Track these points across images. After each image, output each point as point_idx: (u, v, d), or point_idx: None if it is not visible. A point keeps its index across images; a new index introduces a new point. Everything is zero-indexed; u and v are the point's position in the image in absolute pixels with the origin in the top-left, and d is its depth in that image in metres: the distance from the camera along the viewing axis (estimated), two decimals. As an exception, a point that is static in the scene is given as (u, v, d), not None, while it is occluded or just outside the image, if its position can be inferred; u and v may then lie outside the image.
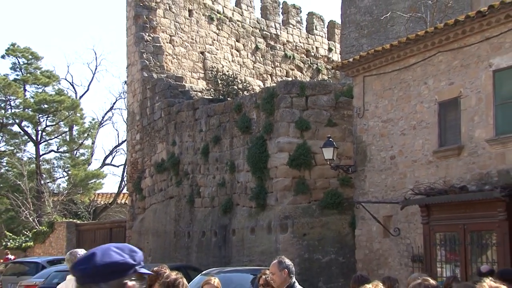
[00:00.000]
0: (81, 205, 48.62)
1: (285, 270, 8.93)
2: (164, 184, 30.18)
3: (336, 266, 21.94)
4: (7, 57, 57.79)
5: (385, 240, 18.83)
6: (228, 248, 24.80)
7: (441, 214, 16.02)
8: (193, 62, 34.72)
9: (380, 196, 18.83)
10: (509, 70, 15.33)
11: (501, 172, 15.25)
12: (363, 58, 19.69)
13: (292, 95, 23.11)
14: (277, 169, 23.04)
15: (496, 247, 14.48)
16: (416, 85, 17.94)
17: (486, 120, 15.83)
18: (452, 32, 16.64)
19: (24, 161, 56.09)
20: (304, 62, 40.12)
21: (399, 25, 26.10)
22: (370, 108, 19.58)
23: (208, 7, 35.87)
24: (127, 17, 34.16)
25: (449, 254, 15.88)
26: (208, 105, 27.60)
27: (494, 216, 14.37)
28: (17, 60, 57.96)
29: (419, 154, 17.76)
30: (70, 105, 56.55)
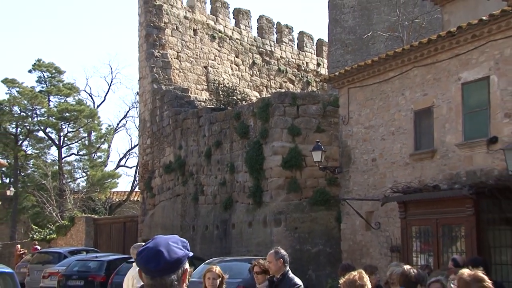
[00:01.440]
0: (98, 202, 48.54)
1: (281, 260, 8.89)
2: (172, 183, 30.18)
3: (324, 256, 21.96)
4: (33, 71, 57.94)
5: (367, 233, 18.83)
6: (228, 240, 24.81)
7: (417, 210, 15.98)
8: (197, 75, 34.72)
9: (363, 194, 18.83)
10: (476, 83, 15.35)
11: (469, 172, 15.28)
12: (347, 72, 19.72)
13: (285, 105, 23.16)
14: (271, 170, 23.07)
15: (465, 238, 14.47)
16: (394, 96, 17.95)
17: (455, 127, 15.85)
18: (425, 50, 16.69)
19: (48, 163, 56.24)
20: (296, 75, 40.09)
21: (379, 43, 26.14)
22: (354, 116, 19.56)
23: (210, 27, 35.90)
24: (139, 36, 34.17)
25: (423, 245, 15.84)
26: (211, 114, 27.63)
27: (463, 211, 14.36)
28: (42, 74, 58.06)
29: (397, 156, 17.78)
30: (88, 113, 56.68)
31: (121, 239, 36.93)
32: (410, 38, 23.32)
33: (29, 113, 56.93)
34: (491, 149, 14.73)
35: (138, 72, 35.06)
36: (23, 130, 57.66)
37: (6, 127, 56.80)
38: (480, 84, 15.27)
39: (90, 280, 22.68)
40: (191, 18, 34.89)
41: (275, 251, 9.09)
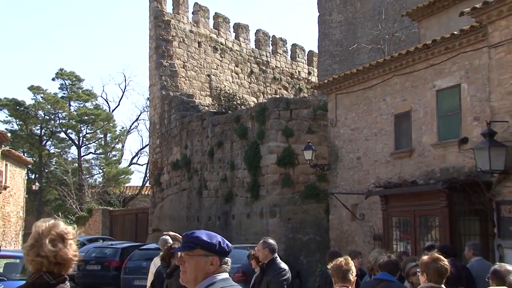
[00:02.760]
0: (113, 196, 48.62)
1: (267, 249, 8.91)
2: (179, 179, 30.21)
3: (314, 243, 21.97)
4: (56, 79, 58.54)
5: (353, 223, 18.81)
6: (229, 230, 24.83)
7: (396, 203, 16.00)
8: (201, 83, 34.74)
9: (349, 188, 18.80)
10: (449, 90, 15.34)
11: (443, 169, 15.31)
12: (335, 80, 19.69)
13: (279, 109, 23.18)
14: (267, 167, 23.08)
15: (438, 228, 14.49)
16: (376, 101, 17.94)
17: (431, 129, 15.86)
18: (404, 60, 16.69)
19: (69, 161, 56.58)
20: (289, 83, 40.11)
21: (363, 54, 26.15)
22: (341, 119, 19.55)
23: (213, 40, 35.93)
24: (150, 47, 34.20)
25: (402, 234, 15.82)
26: (213, 117, 27.65)
27: (437, 204, 14.36)
28: (64, 81, 58.41)
29: (380, 155, 17.77)
30: (104, 117, 56.92)
31: (134, 228, 37.00)
32: (391, 50, 23.34)
33: (52, 117, 57.36)
34: (462, 149, 14.74)
35: (149, 80, 35.10)
36: (47, 132, 57.98)
37: (32, 129, 57.18)
38: (452, 91, 15.27)
39: (106, 265, 22.81)
40: (196, 31, 34.91)
41: (263, 241, 9.15)
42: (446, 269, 6.11)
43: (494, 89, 12.76)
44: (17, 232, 41.97)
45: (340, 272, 6.44)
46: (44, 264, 3.35)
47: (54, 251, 3.35)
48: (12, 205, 40.29)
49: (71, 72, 58.82)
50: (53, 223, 3.52)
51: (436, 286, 6.06)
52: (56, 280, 3.37)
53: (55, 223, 3.52)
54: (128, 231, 37.14)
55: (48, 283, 3.33)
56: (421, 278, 6.30)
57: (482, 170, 12.33)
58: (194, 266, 3.69)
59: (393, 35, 24.85)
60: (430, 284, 6.09)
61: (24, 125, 56.76)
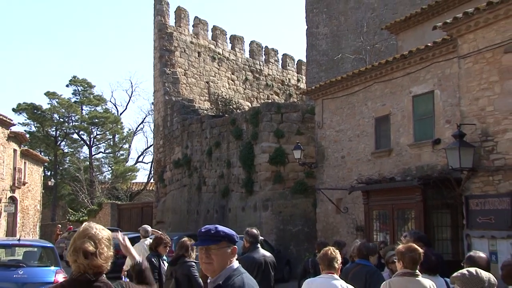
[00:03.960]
0: (121, 191, 48.49)
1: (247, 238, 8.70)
2: (180, 176, 30.20)
3: (303, 234, 22.02)
4: (70, 86, 58.82)
5: (337, 216, 18.85)
6: (226, 222, 24.80)
7: (377, 197, 16.01)
8: (200, 89, 34.73)
9: (334, 184, 18.82)
10: (423, 96, 15.38)
11: (418, 167, 15.36)
12: (321, 87, 19.73)
13: (271, 113, 23.21)
14: (260, 165, 23.11)
15: (414, 220, 14.49)
16: (359, 106, 17.98)
17: (407, 131, 15.91)
18: (384, 69, 16.72)
19: (81, 159, 56.64)
20: (280, 89, 40.13)
21: (347, 63, 26.16)
22: (327, 122, 19.57)
23: (211, 50, 35.93)
24: (154, 57, 34.17)
25: (382, 225, 15.82)
26: (211, 120, 27.65)
27: (413, 198, 14.38)
28: (77, 88, 58.53)
29: (362, 154, 17.80)
30: (113, 120, 56.97)
31: (139, 220, 36.87)
32: (371, 59, 23.37)
33: (66, 119, 57.46)
34: (435, 149, 14.81)
35: (153, 86, 35.09)
36: (61, 133, 58.07)
37: (48, 130, 57.29)
38: (426, 97, 15.32)
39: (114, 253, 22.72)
40: (196, 43, 34.90)
41: (245, 230, 8.92)
42: (419, 256, 6.17)
43: (463, 95, 12.81)
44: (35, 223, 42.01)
45: (326, 260, 6.49)
46: (81, 268, 3.48)
47: (87, 263, 3.48)
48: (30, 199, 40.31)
49: (83, 79, 58.97)
50: (88, 232, 3.59)
51: (411, 271, 6.11)
52: (96, 277, 3.50)
53: (89, 234, 3.59)
54: (134, 223, 37.05)
55: (89, 280, 3.47)
56: (398, 265, 6.35)
57: (453, 168, 12.36)
58: (222, 257, 3.81)
59: (373, 46, 24.88)
60: (406, 270, 6.15)
61: (41, 127, 56.84)
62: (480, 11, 12.14)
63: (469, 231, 12.42)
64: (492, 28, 12.12)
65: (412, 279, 6.12)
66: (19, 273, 13.23)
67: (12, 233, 34.82)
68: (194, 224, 27.51)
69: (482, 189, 12.20)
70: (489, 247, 11.75)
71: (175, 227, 29.04)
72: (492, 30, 12.14)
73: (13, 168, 34.74)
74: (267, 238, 21.01)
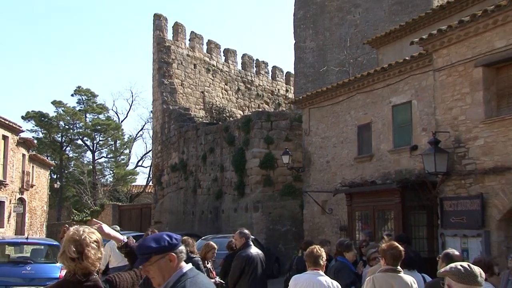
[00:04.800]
0: (122, 193, 48.39)
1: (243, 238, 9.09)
2: (176, 179, 30.14)
3: (291, 234, 22.03)
4: (74, 95, 58.94)
5: (323, 216, 18.84)
6: (219, 222, 24.82)
7: (359, 199, 16.04)
8: (196, 98, 34.70)
9: (320, 187, 18.82)
10: (402, 106, 15.44)
11: (397, 171, 15.42)
12: (308, 97, 19.75)
13: (262, 121, 23.23)
14: (251, 169, 23.12)
15: (393, 220, 14.55)
16: (343, 115, 18.00)
17: (387, 138, 15.96)
18: (366, 80, 16.78)
19: (85, 164, 56.56)
20: (270, 98, 40.15)
21: (331, 75, 26.22)
22: (313, 129, 19.56)
23: (206, 62, 35.93)
24: (153, 68, 34.14)
25: (363, 225, 15.82)
26: (206, 127, 27.64)
27: (392, 200, 14.42)
28: (81, 97, 58.55)
29: (345, 159, 17.81)
30: (115, 127, 56.92)
31: (139, 221, 36.86)
32: (354, 72, 23.46)
33: (71, 126, 57.50)
34: (412, 154, 14.87)
35: (152, 96, 35.05)
36: (67, 139, 58.04)
37: (54, 136, 57.30)
38: (405, 106, 15.39)
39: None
40: (192, 55, 34.91)
41: (238, 231, 9.25)
42: (400, 254, 6.23)
43: (438, 105, 12.91)
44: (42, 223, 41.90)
45: (312, 257, 6.55)
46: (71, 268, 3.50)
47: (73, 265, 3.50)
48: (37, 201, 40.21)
49: (87, 89, 58.91)
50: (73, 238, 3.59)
51: (393, 268, 6.17)
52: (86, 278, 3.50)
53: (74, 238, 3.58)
54: (134, 223, 37.00)
55: (80, 281, 3.48)
56: (381, 261, 6.42)
57: (429, 172, 12.43)
58: (158, 270, 3.54)
59: (356, 59, 24.97)
60: (388, 266, 6.21)
61: (48, 134, 56.77)
62: (452, 29, 12.27)
63: (443, 230, 12.50)
64: (464, 44, 12.24)
65: (395, 275, 6.17)
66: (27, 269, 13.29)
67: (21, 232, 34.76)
68: (190, 224, 27.50)
69: (455, 192, 12.30)
70: (461, 245, 11.85)
71: (172, 227, 28.97)
72: (463, 46, 12.26)
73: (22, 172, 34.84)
74: (258, 237, 21.01)
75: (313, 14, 27.99)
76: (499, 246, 11.32)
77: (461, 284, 3.66)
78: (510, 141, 11.14)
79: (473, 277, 3.63)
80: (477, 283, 3.66)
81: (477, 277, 3.64)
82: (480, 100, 11.81)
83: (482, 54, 11.79)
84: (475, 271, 3.67)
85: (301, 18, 28.52)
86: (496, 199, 11.39)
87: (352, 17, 26.41)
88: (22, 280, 12.97)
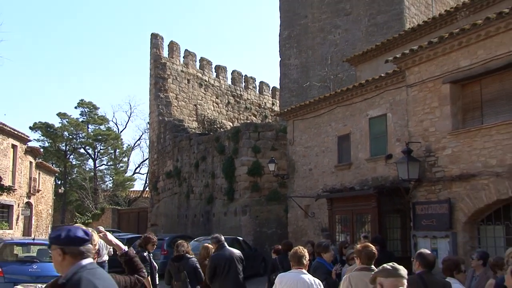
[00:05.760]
0: (121, 198, 48.19)
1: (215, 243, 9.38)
2: (171, 185, 30.08)
3: (276, 235, 22.00)
4: (78, 107, 58.93)
5: (306, 220, 18.85)
6: (210, 225, 24.80)
7: (339, 204, 16.05)
8: (189, 110, 34.71)
9: (303, 193, 18.80)
10: (378, 118, 15.54)
11: (374, 178, 15.49)
12: (292, 109, 19.79)
13: (250, 131, 23.31)
14: (240, 176, 23.17)
15: (370, 223, 14.59)
16: (324, 126, 18.04)
17: (365, 147, 16.04)
18: (345, 95, 16.85)
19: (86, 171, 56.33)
20: (257, 111, 40.21)
21: (314, 90, 26.31)
22: (297, 139, 19.59)
23: (199, 78, 35.97)
24: (150, 83, 34.14)
25: (343, 227, 15.84)
26: (198, 137, 27.65)
27: (369, 204, 14.44)
28: (83, 109, 58.48)
29: (326, 167, 17.84)
30: (114, 136, 56.83)
31: (136, 223, 36.72)
32: (335, 87, 23.55)
33: (74, 136, 57.41)
34: (388, 163, 14.96)
35: (149, 108, 35.02)
36: (70, 148, 57.93)
37: (59, 145, 57.15)
38: (380, 119, 15.49)
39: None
40: (186, 71, 34.96)
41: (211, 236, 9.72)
42: (374, 254, 6.29)
43: (410, 118, 13.02)
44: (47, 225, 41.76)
45: (296, 257, 6.58)
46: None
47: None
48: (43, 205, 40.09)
49: (89, 101, 58.89)
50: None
51: (367, 267, 6.22)
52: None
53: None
54: (132, 225, 36.86)
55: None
56: (357, 261, 6.47)
57: (402, 178, 12.50)
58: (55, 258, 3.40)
59: (336, 76, 25.11)
60: (363, 265, 6.26)
61: (53, 143, 56.62)
62: (423, 49, 12.42)
63: (415, 232, 12.57)
64: (433, 63, 12.39)
65: (368, 274, 6.21)
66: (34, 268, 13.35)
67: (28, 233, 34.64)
68: (183, 226, 27.44)
69: (426, 197, 12.38)
70: (431, 245, 11.93)
71: (167, 229, 28.91)
72: (433, 64, 12.41)
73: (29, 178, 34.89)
74: (246, 239, 21.03)
75: (297, 34, 28.15)
76: (465, 246, 11.43)
77: (390, 279, 3.97)
78: (475, 151, 11.28)
79: (398, 272, 3.98)
80: (401, 276, 4.00)
81: (401, 272, 3.99)
82: (448, 113, 11.95)
83: (449, 72, 11.94)
84: (399, 267, 4.03)
85: (286, 38, 28.67)
86: (462, 203, 11.50)
87: (332, 37, 26.58)
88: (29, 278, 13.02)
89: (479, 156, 11.16)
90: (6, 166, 29.87)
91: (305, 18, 27.81)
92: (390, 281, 3.97)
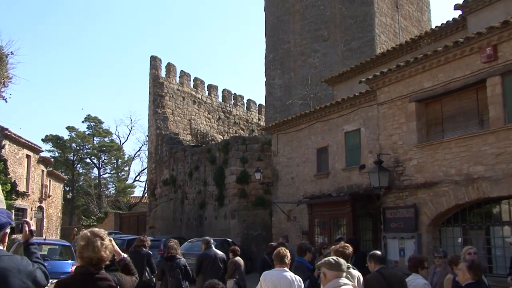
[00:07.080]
0: (122, 203, 47.88)
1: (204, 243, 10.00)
2: (167, 192, 29.93)
3: (262, 237, 21.98)
4: (84, 122, 58.98)
5: (288, 223, 18.85)
6: (202, 227, 24.70)
7: (318, 209, 16.07)
8: (184, 125, 34.65)
9: (286, 199, 18.80)
10: (353, 132, 15.62)
11: (349, 186, 15.57)
12: (277, 124, 19.85)
13: (238, 144, 23.31)
14: (229, 184, 23.12)
15: (346, 226, 14.65)
16: (305, 139, 18.10)
17: (341, 158, 16.14)
18: (323, 111, 16.94)
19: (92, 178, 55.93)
20: (245, 126, 40.19)
21: (296, 107, 26.40)
22: (280, 151, 19.63)
23: (193, 95, 35.94)
24: (149, 100, 34.05)
25: (321, 230, 15.88)
26: (192, 149, 27.58)
27: (345, 209, 14.51)
28: (90, 123, 58.37)
29: (307, 176, 17.87)
30: (117, 148, 56.70)
31: (136, 226, 36.45)
32: (314, 104, 23.67)
33: (81, 148, 57.27)
34: (361, 172, 15.03)
35: (148, 123, 34.87)
36: (77, 158, 57.85)
37: (67, 156, 57.15)
38: (355, 133, 15.59)
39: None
40: (181, 90, 34.93)
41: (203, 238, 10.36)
42: (349, 253, 6.34)
43: (381, 132, 13.14)
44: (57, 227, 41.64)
45: (279, 257, 6.61)
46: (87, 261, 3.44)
47: (96, 254, 3.45)
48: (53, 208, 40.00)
49: (95, 116, 58.81)
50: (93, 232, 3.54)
51: (343, 265, 6.27)
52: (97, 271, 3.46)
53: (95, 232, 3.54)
54: (132, 228, 36.59)
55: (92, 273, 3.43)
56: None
57: (374, 186, 12.60)
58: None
59: (315, 94, 25.26)
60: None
61: (62, 153, 56.53)
62: (391, 71, 12.58)
63: (385, 233, 12.64)
64: (401, 84, 12.54)
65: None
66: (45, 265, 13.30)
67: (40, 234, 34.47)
68: (178, 229, 27.29)
69: (394, 202, 12.47)
70: (399, 245, 12.02)
71: (163, 232, 28.74)
72: (400, 85, 12.56)
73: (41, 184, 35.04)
74: (234, 240, 20.95)
75: (281, 57, 28.29)
76: (428, 246, 11.52)
77: (331, 271, 4.11)
78: (437, 162, 11.41)
79: (339, 266, 4.08)
80: (342, 270, 4.12)
81: (342, 266, 4.08)
82: (414, 128, 12.09)
83: (415, 92, 12.10)
84: (341, 262, 4.14)
85: (271, 60, 28.81)
86: (426, 208, 11.61)
87: (312, 60, 26.74)
88: None
89: (441, 166, 11.30)
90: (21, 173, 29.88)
91: (288, 43, 27.98)
92: (331, 272, 4.10)
